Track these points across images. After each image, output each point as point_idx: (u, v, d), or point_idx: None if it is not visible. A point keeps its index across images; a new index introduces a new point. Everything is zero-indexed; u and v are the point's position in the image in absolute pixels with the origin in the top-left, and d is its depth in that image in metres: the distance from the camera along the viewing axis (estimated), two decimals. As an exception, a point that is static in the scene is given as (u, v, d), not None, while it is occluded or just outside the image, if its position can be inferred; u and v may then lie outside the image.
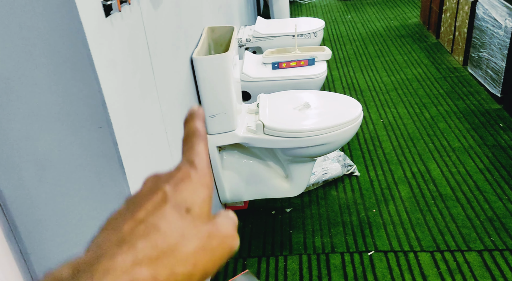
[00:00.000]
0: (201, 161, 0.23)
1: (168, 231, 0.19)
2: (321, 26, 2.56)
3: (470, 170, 1.91)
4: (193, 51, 1.44)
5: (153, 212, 0.20)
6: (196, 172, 0.23)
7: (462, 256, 1.46)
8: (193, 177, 0.22)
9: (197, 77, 1.44)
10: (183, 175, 0.22)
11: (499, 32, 2.40)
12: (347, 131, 1.56)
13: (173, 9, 1.22)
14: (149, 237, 0.19)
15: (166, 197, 0.21)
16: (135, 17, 0.94)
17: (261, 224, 1.73)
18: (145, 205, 0.20)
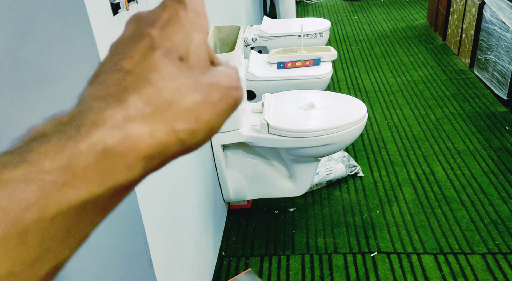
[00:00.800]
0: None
1: (161, 84, 0.17)
2: (327, 27, 2.56)
3: (475, 173, 1.90)
4: (199, 50, 1.44)
5: (140, 62, 0.17)
6: (186, 10, 0.19)
7: (466, 259, 1.46)
8: (182, 16, 0.19)
9: (203, 76, 1.44)
10: (170, 14, 0.19)
11: (506, 35, 2.39)
12: (351, 132, 1.56)
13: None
14: (140, 90, 0.16)
15: (154, 43, 0.18)
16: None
17: (264, 223, 1.73)
18: (130, 53, 0.17)
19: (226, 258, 1.57)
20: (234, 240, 1.65)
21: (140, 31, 0.18)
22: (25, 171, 0.14)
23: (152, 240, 0.92)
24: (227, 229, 1.72)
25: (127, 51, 0.17)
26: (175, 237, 1.10)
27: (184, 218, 1.18)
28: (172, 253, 1.06)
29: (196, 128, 0.17)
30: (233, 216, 1.79)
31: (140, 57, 0.17)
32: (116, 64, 0.17)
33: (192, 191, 1.28)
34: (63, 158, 0.14)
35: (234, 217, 1.79)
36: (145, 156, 0.16)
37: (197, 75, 0.18)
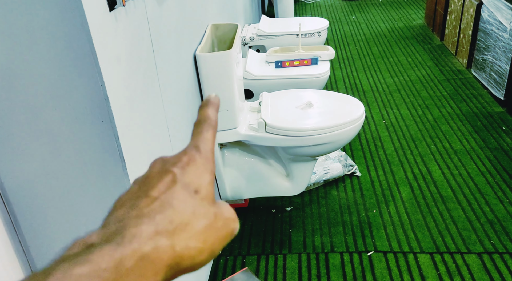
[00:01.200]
0: (206, 147, 0.25)
1: (181, 209, 0.21)
2: (325, 26, 2.56)
3: (472, 173, 1.90)
4: (196, 48, 1.44)
5: (165, 191, 0.22)
6: (201, 156, 0.24)
7: (462, 259, 1.46)
8: (198, 161, 0.24)
9: (200, 73, 1.44)
10: (189, 158, 0.24)
11: (504, 35, 2.39)
12: (349, 131, 1.56)
13: (177, 6, 1.23)
14: (165, 212, 0.21)
15: (176, 178, 0.23)
16: (140, 12, 0.94)
17: (261, 222, 1.73)
18: (157, 185, 0.22)
19: (222, 257, 1.56)
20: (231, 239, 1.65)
21: (165, 169, 0.23)
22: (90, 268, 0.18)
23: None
24: (224, 228, 1.71)
25: (155, 183, 0.22)
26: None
27: (180, 217, 1.18)
28: (168, 251, 1.06)
29: (203, 248, 0.21)
30: (230, 215, 1.79)
31: (165, 188, 0.22)
32: (146, 192, 0.22)
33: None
34: (115, 260, 0.18)
35: (231, 216, 1.78)
36: (167, 265, 0.20)
37: (207, 205, 0.23)
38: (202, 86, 1.47)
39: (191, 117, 1.35)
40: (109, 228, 0.20)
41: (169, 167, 0.23)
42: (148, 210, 0.21)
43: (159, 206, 0.21)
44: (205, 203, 0.23)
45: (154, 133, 1.02)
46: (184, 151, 0.25)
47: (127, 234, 0.19)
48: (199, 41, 1.49)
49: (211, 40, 1.65)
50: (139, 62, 0.93)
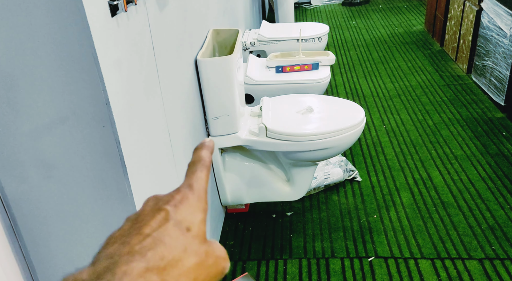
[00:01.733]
0: (199, 186, 0.25)
1: (172, 246, 0.22)
2: (325, 31, 2.57)
3: (472, 178, 1.90)
4: (197, 53, 1.45)
5: (157, 228, 0.22)
6: (194, 195, 0.25)
7: (463, 264, 1.45)
8: (191, 199, 0.24)
9: (201, 78, 1.44)
10: (182, 197, 0.24)
11: (503, 41, 2.40)
12: (349, 136, 1.56)
13: (178, 11, 1.23)
14: (157, 249, 0.21)
15: (168, 216, 0.23)
16: (141, 17, 0.95)
17: (262, 227, 1.73)
18: (149, 222, 0.22)
19: (222, 262, 1.56)
20: (231, 244, 1.65)
21: (158, 207, 0.24)
22: None
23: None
24: (224, 233, 1.71)
25: (147, 221, 0.23)
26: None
27: (181, 221, 1.17)
28: (168, 256, 1.06)
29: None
30: (230, 220, 1.79)
31: (157, 225, 0.22)
32: (138, 229, 0.22)
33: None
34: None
35: (232, 220, 1.78)
36: None
37: (198, 243, 0.23)
38: (203, 91, 1.47)
39: (192, 123, 1.35)
40: (100, 264, 0.20)
41: (162, 205, 0.24)
42: (140, 247, 0.21)
43: (150, 243, 0.21)
44: (197, 241, 0.23)
45: (155, 138, 1.02)
46: (178, 190, 0.25)
47: (118, 271, 0.19)
48: (200, 46, 1.50)
49: (212, 45, 1.65)
50: (140, 67, 0.93)
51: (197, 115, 1.43)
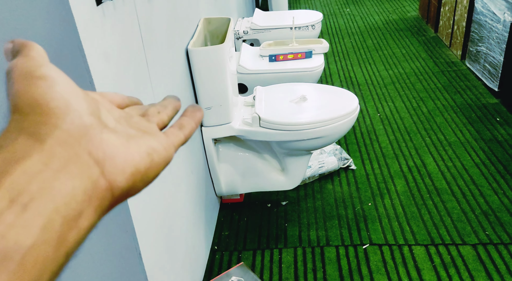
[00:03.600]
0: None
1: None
2: (319, 19, 2.54)
3: (466, 164, 1.91)
4: (188, 42, 1.42)
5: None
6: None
7: (457, 250, 1.47)
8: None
9: (193, 68, 1.42)
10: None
11: (497, 26, 2.39)
12: (343, 125, 1.56)
13: (167, 2, 1.21)
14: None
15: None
16: (129, 7, 0.92)
17: (257, 217, 1.73)
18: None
19: (218, 252, 1.56)
20: (227, 235, 1.65)
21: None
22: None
23: (142, 236, 0.91)
24: (219, 223, 1.71)
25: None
26: (166, 232, 1.09)
27: (175, 213, 1.17)
28: (163, 248, 1.05)
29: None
30: (225, 210, 1.79)
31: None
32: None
33: (183, 186, 1.27)
34: None
35: (227, 211, 1.78)
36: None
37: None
38: (195, 81, 1.45)
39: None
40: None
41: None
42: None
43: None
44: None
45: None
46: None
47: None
48: (191, 35, 1.48)
49: (204, 35, 1.63)
50: (129, 58, 0.91)
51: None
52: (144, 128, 0.23)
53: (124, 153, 0.20)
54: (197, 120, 0.27)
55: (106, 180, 0.19)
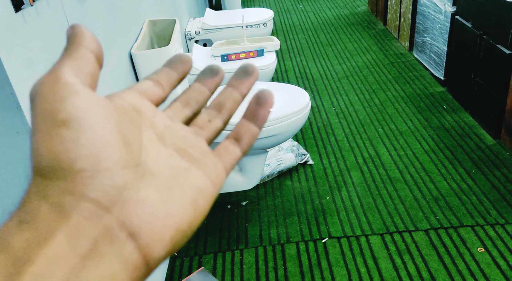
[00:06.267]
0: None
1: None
2: (270, 16, 2.55)
3: (417, 152, 1.98)
4: (132, 46, 1.38)
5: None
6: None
7: (410, 237, 1.52)
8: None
9: (138, 73, 1.38)
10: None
11: (439, 17, 2.50)
12: (296, 121, 1.57)
13: (105, 2, 1.16)
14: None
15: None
16: (55, 12, 0.87)
17: (217, 219, 1.71)
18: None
19: (178, 258, 1.53)
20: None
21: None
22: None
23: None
24: (179, 228, 1.68)
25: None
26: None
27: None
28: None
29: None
30: (185, 215, 1.75)
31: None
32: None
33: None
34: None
35: (186, 215, 1.75)
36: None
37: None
38: (141, 86, 1.41)
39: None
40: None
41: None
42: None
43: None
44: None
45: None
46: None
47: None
48: (135, 38, 1.43)
49: (150, 37, 1.58)
50: (58, 65, 0.86)
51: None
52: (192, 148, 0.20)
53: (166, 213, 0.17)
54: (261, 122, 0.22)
55: (141, 255, 0.16)
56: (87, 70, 0.18)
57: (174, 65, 0.23)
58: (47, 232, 0.15)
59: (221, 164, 0.20)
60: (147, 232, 0.16)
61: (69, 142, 0.16)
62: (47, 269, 0.14)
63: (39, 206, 0.15)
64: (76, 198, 0.15)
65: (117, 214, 0.16)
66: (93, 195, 0.16)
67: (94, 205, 0.16)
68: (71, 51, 0.19)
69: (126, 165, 0.17)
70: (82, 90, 0.17)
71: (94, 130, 0.17)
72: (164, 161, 0.18)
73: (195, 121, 0.22)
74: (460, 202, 1.65)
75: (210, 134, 0.21)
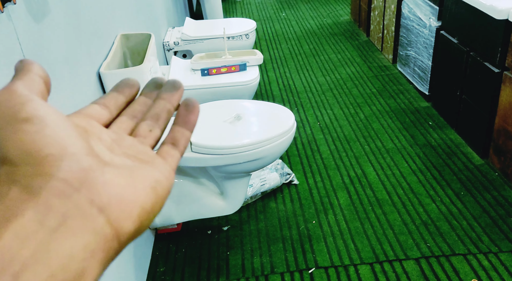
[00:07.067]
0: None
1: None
2: (252, 27, 2.46)
3: (404, 172, 1.92)
4: (101, 64, 1.25)
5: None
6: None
7: (401, 266, 1.45)
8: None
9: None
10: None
11: (424, 31, 2.46)
12: (281, 144, 1.48)
13: (68, 18, 1.03)
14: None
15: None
16: (5, 36, 0.75)
17: (196, 247, 1.60)
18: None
19: (154, 294, 1.41)
20: (162, 271, 1.50)
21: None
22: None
23: None
24: (154, 258, 1.55)
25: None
26: None
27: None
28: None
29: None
30: (161, 242, 1.63)
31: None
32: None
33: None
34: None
35: (163, 243, 1.62)
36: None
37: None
38: (112, 108, 1.28)
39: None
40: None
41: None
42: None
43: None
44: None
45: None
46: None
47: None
48: (105, 55, 1.31)
49: (122, 52, 1.46)
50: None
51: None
52: (140, 154, 0.22)
53: (130, 193, 0.19)
54: (191, 126, 0.25)
55: (112, 228, 0.17)
56: (37, 90, 0.20)
57: (121, 89, 0.25)
58: (16, 209, 0.16)
59: (168, 165, 0.22)
60: (117, 208, 0.18)
61: (34, 133, 0.17)
62: (15, 242, 0.15)
63: (8, 189, 0.16)
64: (45, 178, 0.17)
65: (86, 193, 0.17)
66: (61, 175, 0.17)
67: (63, 184, 0.17)
68: (21, 75, 0.20)
69: (89, 153, 0.19)
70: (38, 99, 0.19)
71: (56, 125, 0.18)
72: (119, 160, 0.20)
73: (138, 132, 0.24)
74: (451, 227, 1.59)
75: (152, 142, 0.24)
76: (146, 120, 0.24)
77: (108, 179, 0.18)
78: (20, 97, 0.18)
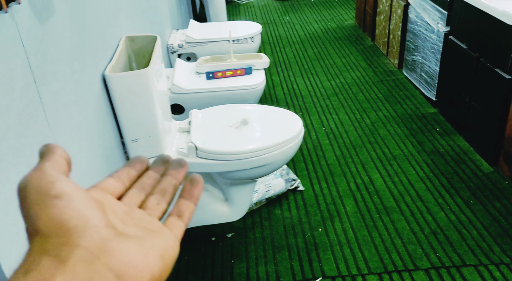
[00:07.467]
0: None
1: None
2: (258, 31, 2.43)
3: (412, 179, 1.89)
4: (106, 67, 1.22)
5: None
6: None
7: (410, 277, 1.41)
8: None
9: (113, 97, 1.22)
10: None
11: (431, 36, 2.43)
12: (288, 150, 1.44)
13: (73, 20, 1.00)
14: None
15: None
16: (7, 37, 0.72)
17: (200, 255, 1.56)
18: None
19: (156, 303, 1.37)
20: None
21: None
22: None
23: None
24: (157, 266, 1.51)
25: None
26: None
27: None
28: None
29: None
30: (164, 249, 1.59)
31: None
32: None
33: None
34: None
35: (166, 250, 1.59)
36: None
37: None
38: (116, 112, 1.25)
39: (103, 152, 1.14)
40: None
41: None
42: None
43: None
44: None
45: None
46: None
47: None
48: (110, 58, 1.28)
49: (127, 55, 1.43)
50: (9, 100, 0.71)
51: (110, 140, 1.22)
52: (149, 225, 0.25)
53: (142, 261, 0.22)
54: (195, 200, 0.28)
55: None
56: (62, 170, 0.23)
57: (133, 164, 0.29)
58: (49, 276, 0.19)
59: (173, 235, 0.25)
60: (130, 275, 0.21)
61: (62, 208, 0.21)
62: None
63: (41, 258, 0.20)
64: (71, 247, 0.20)
65: (105, 260, 0.20)
66: (85, 245, 0.20)
67: (86, 252, 0.20)
68: (48, 157, 0.23)
69: (107, 225, 0.22)
70: (65, 178, 0.23)
71: (80, 201, 0.22)
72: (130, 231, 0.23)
73: (147, 205, 0.27)
74: (461, 236, 1.55)
75: (159, 214, 0.27)
76: (154, 194, 0.27)
77: (122, 248, 0.21)
78: (50, 176, 0.22)
